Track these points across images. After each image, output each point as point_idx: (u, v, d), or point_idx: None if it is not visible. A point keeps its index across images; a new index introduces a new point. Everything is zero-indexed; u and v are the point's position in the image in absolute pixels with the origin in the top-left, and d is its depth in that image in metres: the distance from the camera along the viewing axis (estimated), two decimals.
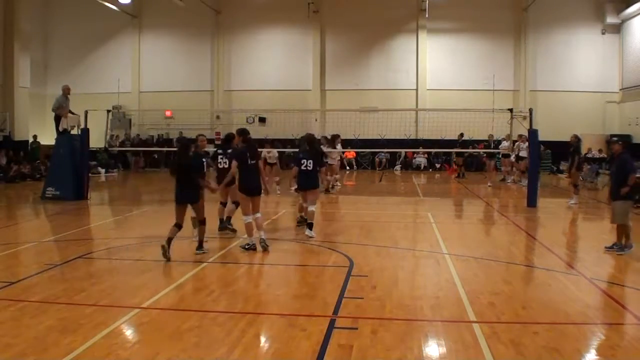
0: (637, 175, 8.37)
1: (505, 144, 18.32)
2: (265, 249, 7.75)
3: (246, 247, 7.80)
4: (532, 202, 12.91)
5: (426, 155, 25.55)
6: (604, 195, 12.78)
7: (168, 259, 7.14)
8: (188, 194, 7.45)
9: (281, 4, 26.07)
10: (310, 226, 8.96)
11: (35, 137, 22.94)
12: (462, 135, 21.55)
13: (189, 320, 4.91)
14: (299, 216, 9.94)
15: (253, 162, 7.83)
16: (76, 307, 5.30)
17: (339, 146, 17.25)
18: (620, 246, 7.81)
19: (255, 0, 26.21)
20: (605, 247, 7.90)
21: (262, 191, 7.98)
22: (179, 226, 7.42)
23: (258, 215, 7.91)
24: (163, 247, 7.20)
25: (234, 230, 9.11)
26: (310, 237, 8.82)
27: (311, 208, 9.01)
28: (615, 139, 8.67)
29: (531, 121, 13.75)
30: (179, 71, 26.90)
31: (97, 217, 11.91)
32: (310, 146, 9.44)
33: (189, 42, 27.15)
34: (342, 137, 20.07)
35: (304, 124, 23.63)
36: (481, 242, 9.31)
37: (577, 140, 13.87)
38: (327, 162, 14.82)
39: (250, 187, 7.82)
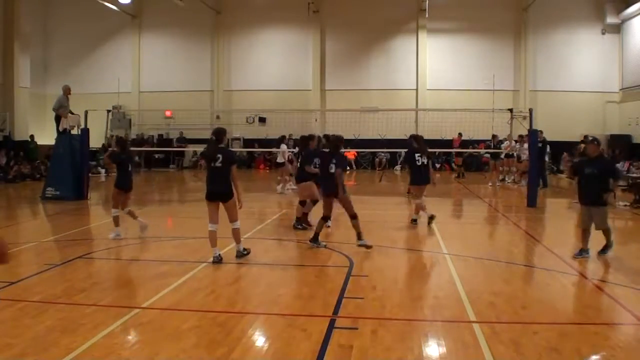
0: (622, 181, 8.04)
1: (507, 143, 18.35)
2: (240, 257, 7.30)
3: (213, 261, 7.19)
4: (532, 202, 12.91)
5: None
6: None
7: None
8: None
9: (281, 4, 26.08)
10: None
11: (32, 137, 22.90)
12: (460, 135, 21.52)
13: (189, 320, 4.91)
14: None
15: (218, 165, 7.08)
16: (76, 307, 5.30)
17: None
18: (611, 244, 7.54)
19: (255, 0, 26.23)
20: (598, 253, 7.58)
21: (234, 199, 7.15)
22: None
23: (234, 225, 7.23)
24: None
25: (305, 228, 9.66)
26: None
27: None
28: (590, 138, 7.81)
29: (531, 121, 13.75)
30: (179, 71, 26.92)
31: (97, 217, 11.91)
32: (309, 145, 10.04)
33: (189, 42, 27.17)
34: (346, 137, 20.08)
35: (304, 124, 23.64)
36: (481, 242, 9.31)
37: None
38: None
39: (210, 190, 7.14)
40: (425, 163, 10.06)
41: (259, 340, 4.61)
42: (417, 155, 10.00)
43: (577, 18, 24.90)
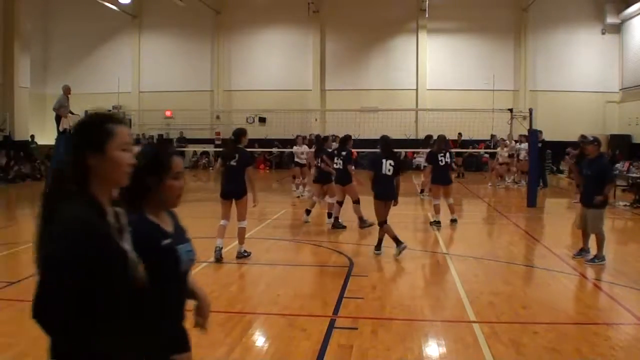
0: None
1: (506, 143, 18.38)
2: (240, 257, 7.31)
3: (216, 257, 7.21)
4: (532, 202, 12.92)
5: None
6: None
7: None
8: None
9: (281, 4, 26.07)
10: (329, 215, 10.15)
11: (32, 137, 22.90)
12: (460, 135, 21.49)
13: (189, 320, 4.90)
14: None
15: (233, 164, 7.26)
16: None
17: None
18: (601, 257, 7.18)
19: (255, 0, 26.21)
20: (586, 261, 7.30)
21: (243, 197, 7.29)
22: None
23: (240, 224, 7.34)
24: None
25: (344, 227, 9.80)
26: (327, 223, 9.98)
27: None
28: (591, 138, 7.53)
29: (531, 121, 13.75)
30: (179, 71, 26.90)
31: None
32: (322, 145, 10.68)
33: (189, 42, 27.15)
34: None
35: (304, 124, 23.64)
36: (481, 242, 9.31)
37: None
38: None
39: (225, 189, 7.35)
40: (449, 162, 10.19)
41: (259, 340, 4.61)
42: (439, 155, 10.12)
43: (577, 18, 24.88)
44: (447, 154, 10.19)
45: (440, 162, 10.10)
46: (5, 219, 11.52)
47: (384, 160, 7.65)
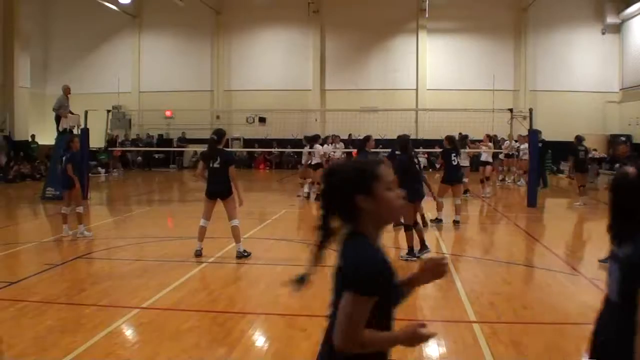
0: None
1: (507, 143, 18.39)
2: (240, 257, 7.28)
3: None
4: (532, 202, 12.91)
5: (426, 155, 25.52)
6: (604, 196, 12.78)
7: None
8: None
9: (281, 4, 26.07)
10: None
11: (33, 137, 22.91)
12: (460, 135, 21.45)
13: (189, 320, 4.91)
14: None
15: (216, 166, 7.25)
16: (76, 307, 5.30)
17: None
18: None
19: (255, 0, 26.21)
20: (599, 261, 7.11)
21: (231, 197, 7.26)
22: None
23: (232, 223, 7.30)
24: None
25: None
26: None
27: None
28: (622, 138, 7.51)
29: (531, 121, 13.75)
30: (179, 71, 26.89)
31: (97, 217, 11.90)
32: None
33: (189, 42, 27.15)
34: (342, 137, 20.11)
35: (304, 124, 23.64)
36: (481, 242, 9.31)
37: (576, 141, 13.84)
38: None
39: (210, 190, 7.35)
40: (461, 163, 10.30)
41: (259, 340, 4.61)
42: (453, 155, 10.33)
43: (577, 18, 24.88)
44: (459, 155, 10.44)
45: (452, 162, 10.29)
46: (5, 219, 11.52)
47: (414, 160, 7.61)
